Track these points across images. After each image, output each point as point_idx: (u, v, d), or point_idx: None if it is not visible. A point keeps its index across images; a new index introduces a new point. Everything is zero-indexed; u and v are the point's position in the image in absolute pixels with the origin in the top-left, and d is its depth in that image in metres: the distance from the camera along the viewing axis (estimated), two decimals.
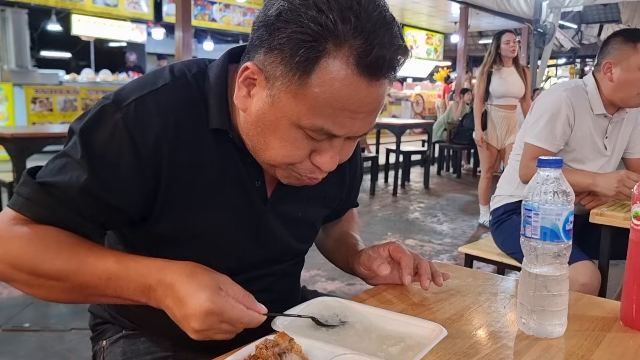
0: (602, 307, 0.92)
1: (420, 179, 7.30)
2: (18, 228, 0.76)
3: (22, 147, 3.25)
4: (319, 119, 0.72)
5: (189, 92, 0.82)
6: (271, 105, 0.74)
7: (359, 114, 0.73)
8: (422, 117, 13.20)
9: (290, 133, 0.74)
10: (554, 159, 0.79)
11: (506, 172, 2.22)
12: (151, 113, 0.78)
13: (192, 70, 0.85)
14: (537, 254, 0.79)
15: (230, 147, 0.84)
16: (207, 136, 0.82)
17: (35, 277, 0.75)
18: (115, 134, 0.76)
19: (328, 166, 0.78)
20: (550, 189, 0.77)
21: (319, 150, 0.77)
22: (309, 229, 1.02)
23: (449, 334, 0.77)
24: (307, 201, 0.97)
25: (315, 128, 0.73)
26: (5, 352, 2.32)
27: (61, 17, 10.30)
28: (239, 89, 0.77)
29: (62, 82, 8.68)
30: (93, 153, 0.76)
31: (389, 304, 0.91)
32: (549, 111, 1.96)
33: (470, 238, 4.45)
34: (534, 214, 0.78)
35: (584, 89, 2.00)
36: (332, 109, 0.71)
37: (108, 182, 0.77)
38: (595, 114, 1.98)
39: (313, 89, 0.70)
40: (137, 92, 0.79)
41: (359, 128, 0.75)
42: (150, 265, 0.74)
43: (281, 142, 0.76)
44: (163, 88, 0.81)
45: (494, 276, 1.09)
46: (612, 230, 1.74)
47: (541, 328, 0.80)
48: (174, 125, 0.79)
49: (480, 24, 14.97)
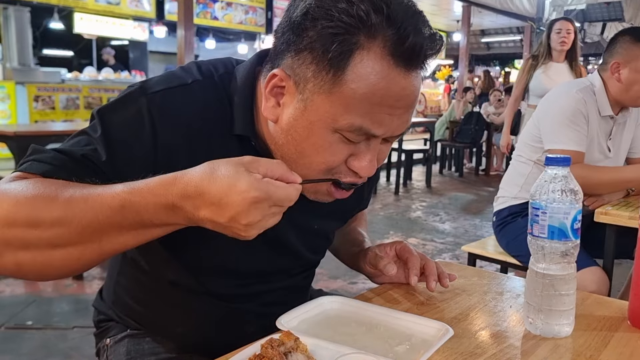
0: (610, 307, 0.92)
1: (422, 178, 7.28)
2: (13, 183, 0.66)
3: (24, 145, 3.24)
4: (357, 117, 0.69)
5: (217, 94, 0.80)
6: (304, 110, 0.71)
7: (397, 109, 0.70)
8: (424, 115, 13.17)
9: (326, 137, 0.71)
10: (562, 157, 0.78)
11: (509, 174, 2.17)
12: (178, 107, 0.76)
13: (219, 70, 0.82)
14: (544, 253, 0.79)
15: (252, 153, 0.80)
16: (229, 141, 0.79)
17: (34, 227, 0.62)
18: (137, 116, 0.74)
19: (366, 171, 0.74)
20: (558, 187, 0.77)
21: (356, 154, 0.73)
22: (323, 240, 1.00)
23: (455, 333, 0.76)
24: (325, 215, 0.94)
25: (353, 128, 0.69)
26: (8, 350, 2.32)
27: (63, 16, 10.30)
28: (267, 99, 0.74)
29: (64, 81, 8.68)
30: (110, 130, 0.73)
31: (395, 303, 0.90)
32: (568, 113, 1.90)
33: (473, 237, 4.44)
34: (542, 212, 0.77)
35: (592, 90, 1.97)
36: (369, 105, 0.68)
37: (120, 161, 0.73)
38: (602, 115, 1.96)
39: (349, 85, 0.67)
40: (166, 83, 0.78)
41: (397, 126, 0.72)
42: (164, 181, 0.62)
43: (316, 148, 0.72)
44: (192, 85, 0.78)
45: (500, 275, 1.09)
46: (617, 229, 1.73)
47: (548, 328, 0.79)
48: (199, 125, 0.77)
49: (483, 22, 14.94)
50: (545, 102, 2.04)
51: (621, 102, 1.96)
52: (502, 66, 20.74)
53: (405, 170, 6.83)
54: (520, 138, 2.15)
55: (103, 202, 0.62)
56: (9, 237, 0.63)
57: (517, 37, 16.70)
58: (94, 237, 0.64)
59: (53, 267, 0.65)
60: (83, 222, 0.62)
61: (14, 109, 7.47)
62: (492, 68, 19.38)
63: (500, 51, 20.16)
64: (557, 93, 2.03)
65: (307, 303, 0.85)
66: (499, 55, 20.84)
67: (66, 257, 0.64)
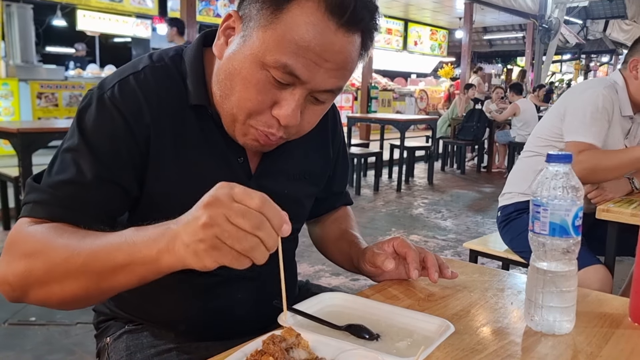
0: (611, 304, 0.92)
1: (424, 175, 7.28)
2: (30, 227, 0.75)
3: (27, 142, 3.26)
4: (284, 55, 0.73)
5: (168, 74, 0.86)
6: (242, 45, 0.77)
7: (325, 61, 0.74)
8: (426, 112, 13.16)
9: (254, 73, 0.76)
10: (563, 154, 0.78)
11: (518, 169, 2.15)
12: (134, 89, 0.82)
13: (169, 54, 0.89)
14: (545, 250, 0.79)
15: (212, 124, 0.87)
16: (188, 113, 0.86)
17: (49, 265, 0.70)
18: (104, 110, 0.81)
19: (287, 119, 0.78)
20: (559, 184, 0.77)
21: (280, 100, 0.78)
22: (297, 206, 1.02)
23: (456, 329, 0.76)
24: (292, 177, 0.98)
25: (279, 64, 0.74)
26: (12, 346, 2.34)
27: (66, 13, 10.32)
28: (219, 37, 0.82)
29: (67, 78, 8.69)
30: (87, 133, 0.80)
31: (395, 300, 0.91)
32: (591, 107, 1.88)
33: (475, 234, 4.44)
34: (543, 209, 0.77)
35: (615, 88, 1.95)
36: (297, 47, 0.73)
37: (108, 157, 0.80)
38: (623, 115, 1.95)
39: (283, 25, 0.74)
40: (118, 76, 0.84)
41: (323, 80, 0.76)
42: (159, 227, 0.66)
43: (245, 84, 0.77)
44: (143, 70, 0.85)
45: (501, 272, 1.09)
46: (619, 226, 1.73)
47: (549, 324, 0.79)
48: (156, 102, 0.83)
49: (485, 19, 14.91)
50: (569, 97, 2.01)
51: (638, 101, 1.95)
52: (504, 64, 20.69)
53: (408, 167, 6.84)
54: (534, 133, 2.12)
55: (107, 240, 0.68)
56: (36, 294, 0.73)
57: (520, 34, 16.66)
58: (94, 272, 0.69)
59: (66, 300, 0.73)
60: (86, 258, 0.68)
61: (17, 106, 7.48)
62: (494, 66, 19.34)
63: (503, 48, 20.11)
64: (583, 88, 2.00)
65: (309, 299, 0.85)
66: (501, 52, 20.79)
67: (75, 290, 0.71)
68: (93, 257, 0.68)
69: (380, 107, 10.93)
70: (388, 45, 15.04)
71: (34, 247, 0.72)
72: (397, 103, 12.73)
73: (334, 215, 1.19)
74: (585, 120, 1.88)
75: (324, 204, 1.15)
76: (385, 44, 14.88)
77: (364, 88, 9.22)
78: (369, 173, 7.12)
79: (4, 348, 2.33)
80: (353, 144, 6.81)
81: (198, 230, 0.59)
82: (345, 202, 1.22)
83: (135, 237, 0.66)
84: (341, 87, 0.80)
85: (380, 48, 14.03)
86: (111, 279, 0.68)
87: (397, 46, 15.38)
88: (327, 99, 0.81)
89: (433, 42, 16.55)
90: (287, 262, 1.06)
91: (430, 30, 16.33)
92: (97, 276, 0.69)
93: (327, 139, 1.07)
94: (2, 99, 7.29)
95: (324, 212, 1.18)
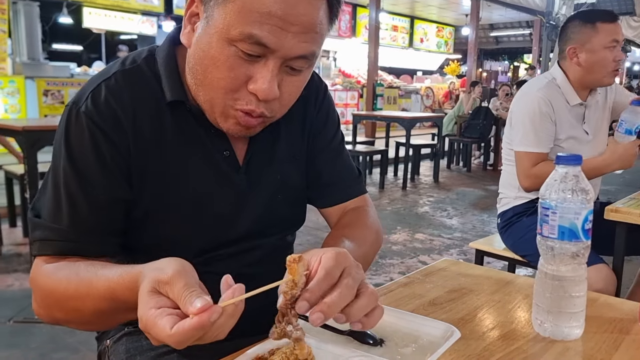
0: (620, 309, 0.90)
1: (430, 173, 7.25)
2: (44, 268, 0.78)
3: (33, 140, 3.25)
4: (247, 25, 0.71)
5: (142, 75, 0.84)
6: (206, 26, 0.75)
7: (291, 25, 0.72)
8: (432, 110, 13.11)
9: (223, 50, 0.73)
10: (573, 156, 0.76)
11: (504, 176, 2.16)
12: (107, 98, 0.80)
13: (142, 55, 0.87)
14: (554, 254, 0.77)
15: (191, 120, 0.85)
16: (166, 113, 0.83)
17: (64, 301, 0.74)
18: (83, 129, 0.79)
19: (265, 93, 0.74)
20: (569, 186, 0.75)
21: (253, 74, 0.74)
22: (294, 189, 0.96)
23: (462, 335, 0.75)
24: (282, 161, 0.94)
25: (245, 36, 0.71)
26: (17, 344, 2.34)
27: (72, 10, 10.34)
28: (185, 26, 0.79)
29: (73, 75, 8.71)
30: (74, 157, 0.79)
31: (400, 303, 0.89)
32: (529, 115, 1.93)
33: (480, 232, 4.41)
34: (552, 212, 0.76)
35: (555, 83, 1.98)
36: (259, 14, 0.70)
37: (99, 179, 0.79)
38: (572, 105, 1.97)
39: None
40: (89, 87, 0.83)
41: (292, 45, 0.73)
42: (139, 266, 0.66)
43: (215, 63, 0.74)
44: (114, 75, 0.83)
45: (508, 275, 1.07)
46: (627, 227, 1.71)
47: (558, 330, 0.78)
48: (130, 106, 0.81)
49: (492, 16, 14.82)
50: (513, 104, 2.05)
51: (587, 85, 1.98)
52: (511, 61, 20.58)
53: (413, 165, 6.81)
54: (504, 139, 2.16)
55: (105, 279, 0.69)
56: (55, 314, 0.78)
57: (527, 31, 16.56)
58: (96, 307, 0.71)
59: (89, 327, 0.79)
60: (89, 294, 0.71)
61: (23, 103, 7.51)
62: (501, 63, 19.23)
63: (509, 45, 20.00)
64: (520, 94, 2.05)
65: None
66: (507, 49, 20.69)
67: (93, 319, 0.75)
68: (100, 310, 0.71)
69: (386, 104, 10.88)
70: (394, 42, 14.99)
71: (46, 290, 0.77)
72: (402, 100, 12.68)
73: (345, 220, 1.00)
74: (528, 130, 1.93)
75: (324, 193, 1.02)
76: (391, 41, 14.83)
77: (369, 85, 9.18)
78: (374, 171, 7.09)
79: (9, 346, 2.34)
80: (358, 142, 6.79)
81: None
82: (358, 191, 1.04)
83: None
84: (314, 52, 0.76)
85: (386, 45, 13.98)
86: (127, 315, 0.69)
87: (403, 43, 15.33)
88: (302, 67, 0.78)
89: (439, 39, 16.48)
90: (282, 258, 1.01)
91: (436, 27, 16.26)
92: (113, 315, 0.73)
93: (314, 108, 1.00)
94: (9, 96, 7.31)
95: (331, 202, 1.02)
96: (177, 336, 0.53)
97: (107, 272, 0.70)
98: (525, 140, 1.94)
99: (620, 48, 1.93)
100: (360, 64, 11.90)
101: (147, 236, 0.86)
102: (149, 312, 0.55)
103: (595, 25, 1.89)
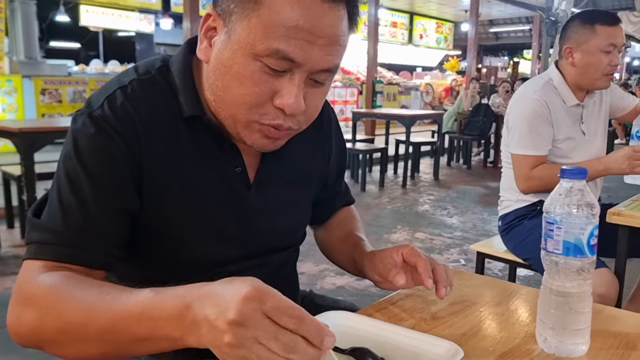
0: (626, 322, 0.88)
1: (430, 171, 7.23)
2: (40, 276, 0.71)
3: (29, 142, 3.22)
4: (274, 40, 0.69)
5: (157, 86, 0.82)
6: (227, 41, 0.73)
7: (317, 38, 0.71)
8: (432, 107, 13.08)
9: (248, 66, 0.72)
10: (578, 169, 0.74)
11: (505, 179, 2.13)
12: (124, 104, 0.79)
13: (155, 65, 0.85)
14: (558, 269, 0.75)
15: (206, 134, 0.83)
16: (181, 126, 0.82)
17: (63, 325, 0.67)
18: (99, 132, 0.77)
19: (292, 108, 0.73)
20: (574, 201, 0.73)
21: (280, 89, 0.73)
22: (299, 212, 0.99)
23: (465, 353, 0.73)
24: (292, 183, 0.94)
25: (271, 51, 0.70)
26: (14, 349, 2.32)
27: (69, 8, 10.30)
28: (201, 41, 0.78)
29: (70, 74, 8.69)
30: (86, 161, 0.76)
31: (400, 318, 0.87)
32: (526, 117, 1.91)
33: (481, 231, 4.40)
34: (557, 227, 0.73)
35: (551, 84, 1.96)
36: (286, 28, 0.69)
37: (110, 184, 0.77)
38: (569, 106, 1.95)
39: (266, 9, 0.70)
40: (105, 93, 0.80)
41: (319, 58, 0.72)
42: (191, 286, 0.61)
43: (238, 78, 0.73)
44: (130, 84, 0.81)
45: (511, 286, 1.05)
46: (629, 230, 1.69)
47: (563, 347, 0.76)
48: (147, 115, 0.79)
49: (491, 12, 14.79)
50: (510, 107, 2.03)
51: (581, 87, 1.96)
52: (511, 56, 20.54)
53: (413, 162, 6.78)
54: (502, 142, 2.14)
55: (126, 306, 0.63)
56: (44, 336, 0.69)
57: (526, 27, 16.51)
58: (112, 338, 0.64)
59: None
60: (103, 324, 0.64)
61: (21, 102, 7.48)
62: (501, 58, 19.19)
63: (509, 41, 19.95)
64: (516, 97, 2.02)
65: None
66: (507, 45, 20.64)
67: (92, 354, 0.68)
68: (111, 327, 0.63)
69: (386, 101, 10.86)
70: (393, 38, 14.95)
71: (45, 302, 0.68)
72: (402, 97, 12.65)
73: (337, 218, 1.15)
74: (524, 132, 1.91)
75: (323, 206, 1.11)
76: (391, 37, 14.79)
77: (369, 82, 9.15)
78: (374, 169, 7.07)
79: (6, 351, 2.32)
80: (358, 140, 6.77)
81: (223, 346, 0.54)
82: (347, 201, 1.18)
83: (154, 309, 0.60)
84: (337, 64, 0.76)
85: (386, 41, 13.94)
86: (132, 348, 0.65)
87: (402, 39, 15.28)
88: (326, 79, 0.77)
89: (439, 35, 16.44)
90: (286, 275, 1.03)
91: (435, 23, 16.22)
92: (116, 345, 0.65)
93: (326, 134, 1.04)
94: (6, 95, 7.28)
95: (326, 215, 1.13)
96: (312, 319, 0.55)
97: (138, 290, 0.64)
98: (522, 143, 1.92)
99: (618, 52, 1.90)
100: (360, 61, 11.87)
101: (152, 250, 0.84)
102: (284, 298, 0.55)
103: (594, 26, 1.86)
